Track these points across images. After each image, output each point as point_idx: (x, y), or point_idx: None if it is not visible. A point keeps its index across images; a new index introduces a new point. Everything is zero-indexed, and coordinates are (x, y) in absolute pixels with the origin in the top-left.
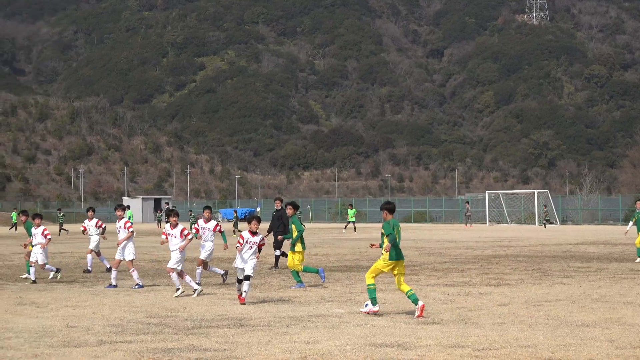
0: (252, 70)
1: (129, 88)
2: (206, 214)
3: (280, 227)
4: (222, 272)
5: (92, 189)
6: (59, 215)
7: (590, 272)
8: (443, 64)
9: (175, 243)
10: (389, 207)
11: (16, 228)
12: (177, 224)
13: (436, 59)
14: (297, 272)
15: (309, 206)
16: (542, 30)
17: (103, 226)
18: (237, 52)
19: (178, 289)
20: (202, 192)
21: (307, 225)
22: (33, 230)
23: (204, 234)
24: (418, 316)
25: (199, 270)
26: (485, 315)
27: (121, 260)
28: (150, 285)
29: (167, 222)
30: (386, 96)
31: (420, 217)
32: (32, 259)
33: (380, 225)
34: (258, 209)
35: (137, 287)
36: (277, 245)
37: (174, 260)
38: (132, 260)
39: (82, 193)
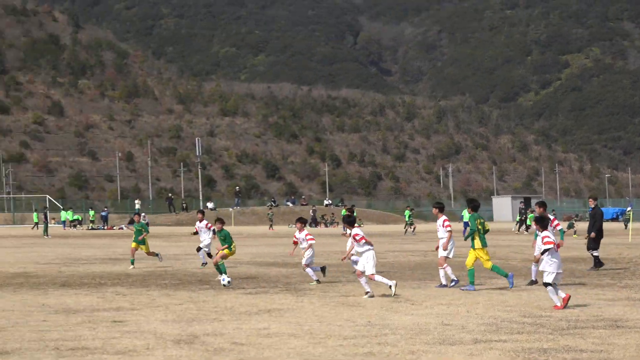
0: (618, 68)
1: (494, 87)
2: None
3: (594, 225)
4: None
5: (462, 187)
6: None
7: None
8: None
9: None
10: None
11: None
12: (303, 229)
13: None
14: (472, 273)
15: None
16: None
17: (212, 228)
18: (601, 49)
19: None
20: (572, 191)
21: None
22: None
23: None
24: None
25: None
26: None
27: (447, 257)
28: (521, 285)
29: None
30: None
31: None
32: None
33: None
34: (629, 209)
35: (452, 284)
36: (591, 245)
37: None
38: (445, 257)
39: (451, 192)
